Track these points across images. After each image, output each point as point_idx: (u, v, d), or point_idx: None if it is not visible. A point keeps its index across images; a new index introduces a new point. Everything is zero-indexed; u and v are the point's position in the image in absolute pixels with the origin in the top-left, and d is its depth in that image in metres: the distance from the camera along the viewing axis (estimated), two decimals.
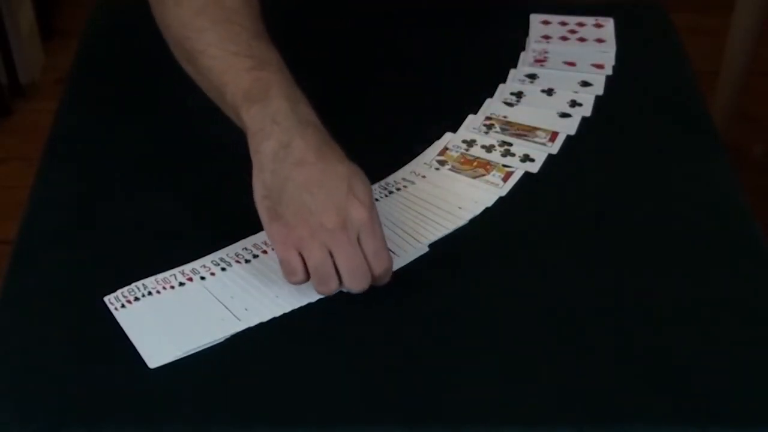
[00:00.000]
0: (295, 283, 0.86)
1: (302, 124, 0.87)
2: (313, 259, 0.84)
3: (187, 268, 0.91)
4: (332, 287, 0.85)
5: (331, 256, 0.84)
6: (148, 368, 0.83)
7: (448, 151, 1.04)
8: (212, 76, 0.91)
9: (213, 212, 0.97)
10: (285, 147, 0.85)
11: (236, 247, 0.93)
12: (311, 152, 0.85)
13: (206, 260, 0.92)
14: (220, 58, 0.91)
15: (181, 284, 0.90)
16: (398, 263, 0.91)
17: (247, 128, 0.88)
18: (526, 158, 1.03)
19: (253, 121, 0.87)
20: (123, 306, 0.87)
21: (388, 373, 0.83)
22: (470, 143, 1.05)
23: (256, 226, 0.94)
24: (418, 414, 0.81)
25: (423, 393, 0.82)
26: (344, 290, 0.86)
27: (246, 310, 0.87)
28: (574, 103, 1.11)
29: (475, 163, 1.03)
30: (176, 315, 0.87)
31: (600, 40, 1.20)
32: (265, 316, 0.87)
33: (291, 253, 0.85)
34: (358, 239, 0.84)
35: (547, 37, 1.20)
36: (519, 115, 1.09)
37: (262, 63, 0.89)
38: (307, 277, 0.85)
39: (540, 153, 1.04)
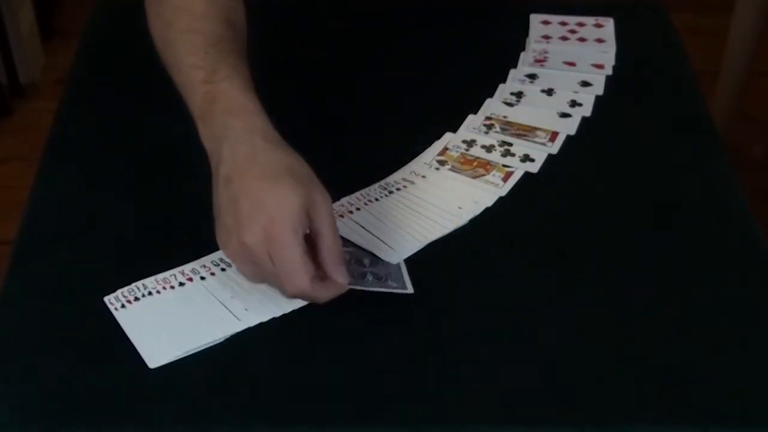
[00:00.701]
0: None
1: (236, 138, 0.86)
2: (242, 272, 0.86)
3: (187, 268, 0.91)
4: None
5: None
6: (148, 368, 0.83)
7: (448, 151, 1.04)
8: (180, 91, 0.93)
9: (213, 212, 0.97)
10: (219, 164, 0.86)
11: None
12: (235, 169, 0.84)
13: (206, 260, 0.92)
14: (182, 72, 0.92)
15: (181, 284, 0.90)
16: (396, 258, 0.91)
17: (204, 145, 0.89)
18: (526, 158, 1.03)
19: (204, 141, 0.89)
20: (123, 306, 0.87)
21: (388, 373, 0.83)
22: (470, 143, 1.05)
23: None
24: (418, 414, 0.81)
25: (423, 393, 0.82)
26: None
27: (246, 310, 0.87)
28: (574, 103, 1.11)
29: (475, 163, 1.03)
30: (176, 315, 0.87)
31: (600, 40, 1.20)
32: (265, 316, 0.87)
33: (235, 263, 0.86)
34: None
35: (547, 37, 1.20)
36: (519, 115, 1.09)
37: (212, 73, 0.89)
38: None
39: (540, 153, 1.04)
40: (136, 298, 0.88)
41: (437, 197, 0.99)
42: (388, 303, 0.88)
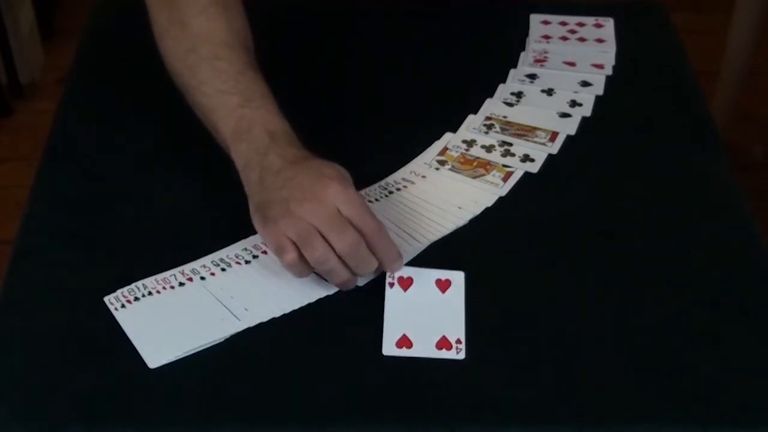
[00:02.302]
0: (291, 265, 0.86)
1: (283, 147, 0.91)
2: (296, 235, 0.86)
3: (187, 268, 0.91)
4: (321, 256, 0.85)
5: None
6: (148, 368, 0.83)
7: (448, 151, 1.04)
8: (204, 112, 0.96)
9: (213, 212, 0.97)
10: (264, 169, 0.89)
11: (236, 247, 0.93)
12: (285, 161, 0.89)
13: (206, 260, 0.92)
14: (209, 95, 0.95)
15: (181, 284, 0.90)
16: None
17: (237, 164, 0.92)
18: (526, 158, 1.03)
19: (240, 158, 0.92)
20: (123, 306, 0.87)
21: (388, 373, 0.83)
22: (470, 143, 1.05)
23: None
24: (418, 414, 0.81)
25: (423, 393, 0.82)
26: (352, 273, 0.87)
27: (246, 310, 0.87)
28: (574, 103, 1.11)
29: (475, 163, 1.03)
30: (176, 315, 0.87)
31: (600, 40, 1.20)
32: (265, 316, 0.87)
33: (281, 239, 0.86)
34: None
35: (547, 37, 1.20)
36: (519, 115, 1.09)
37: (246, 100, 0.93)
38: (299, 252, 0.86)
39: (540, 153, 1.04)
40: (136, 298, 0.88)
41: (437, 197, 0.99)
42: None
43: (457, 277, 0.89)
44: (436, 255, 0.93)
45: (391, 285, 0.88)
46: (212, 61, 0.96)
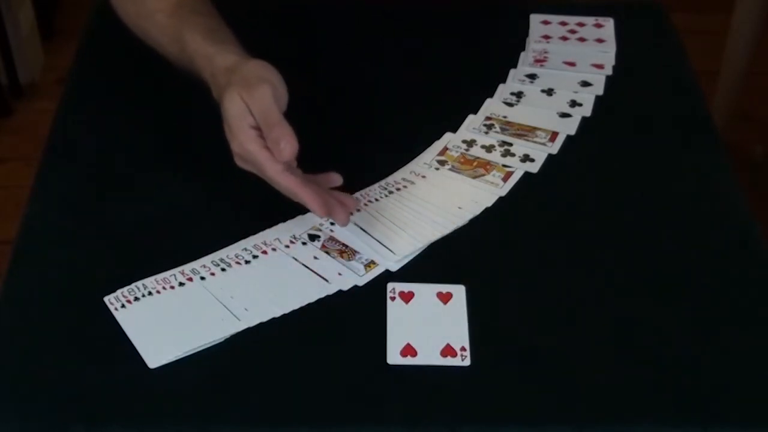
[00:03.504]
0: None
1: (211, 85, 0.94)
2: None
3: (187, 268, 0.91)
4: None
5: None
6: (148, 368, 0.83)
7: (448, 151, 1.04)
8: (177, 66, 1.01)
9: (213, 213, 0.97)
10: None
11: (236, 247, 0.93)
12: (218, 101, 0.92)
13: (206, 260, 0.92)
14: (167, 53, 1.00)
15: (181, 284, 0.90)
16: (399, 263, 0.91)
17: None
18: (526, 158, 1.03)
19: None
20: (123, 306, 0.87)
21: (388, 373, 0.83)
22: (470, 143, 1.05)
23: (256, 227, 0.94)
24: (418, 414, 0.81)
25: (424, 393, 0.82)
26: None
27: (246, 310, 0.87)
28: (574, 103, 1.11)
29: (475, 163, 1.03)
30: (176, 315, 0.87)
31: (600, 40, 1.20)
32: (265, 316, 0.87)
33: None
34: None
35: (547, 37, 1.20)
36: (519, 115, 1.09)
37: (182, 42, 0.97)
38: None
39: (540, 153, 1.04)
40: (136, 298, 0.88)
41: (437, 197, 0.99)
42: (387, 303, 0.88)
43: (458, 290, 0.89)
44: (435, 256, 0.93)
45: (393, 299, 0.88)
46: (153, 16, 1.01)
